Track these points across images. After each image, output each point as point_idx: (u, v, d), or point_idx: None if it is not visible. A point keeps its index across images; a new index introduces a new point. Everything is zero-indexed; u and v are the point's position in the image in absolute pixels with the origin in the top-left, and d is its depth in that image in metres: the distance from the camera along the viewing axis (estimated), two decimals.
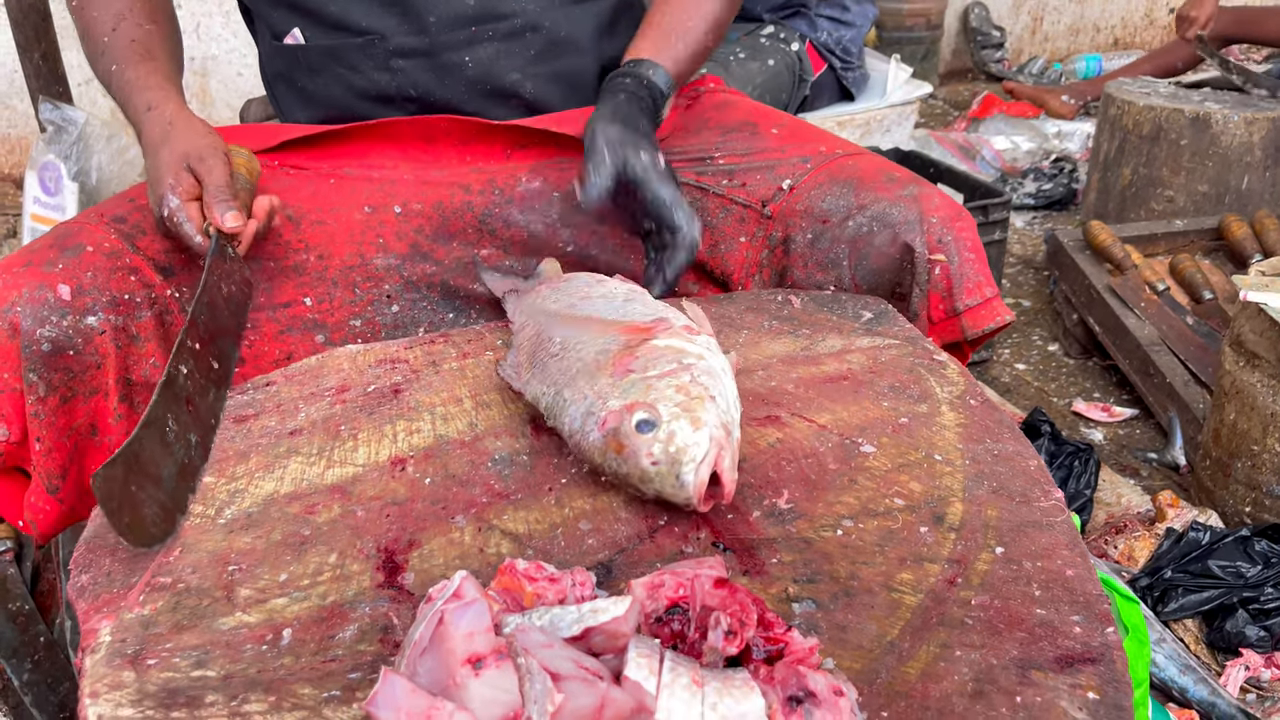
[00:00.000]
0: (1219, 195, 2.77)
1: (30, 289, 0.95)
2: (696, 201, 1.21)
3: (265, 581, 0.70)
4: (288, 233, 1.13)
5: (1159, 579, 1.49)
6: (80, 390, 0.97)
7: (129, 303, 1.00)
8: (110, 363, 0.98)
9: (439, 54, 1.19)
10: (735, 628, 0.57)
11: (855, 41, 2.56)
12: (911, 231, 1.07)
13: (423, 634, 0.56)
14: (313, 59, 1.22)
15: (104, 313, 0.98)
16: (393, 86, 1.20)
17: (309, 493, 0.79)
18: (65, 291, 0.96)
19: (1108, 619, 0.65)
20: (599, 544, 0.73)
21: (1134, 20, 5.51)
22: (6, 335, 0.93)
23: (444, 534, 0.75)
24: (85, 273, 0.98)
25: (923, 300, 1.08)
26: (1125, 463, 2.01)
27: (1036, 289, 2.81)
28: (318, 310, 1.11)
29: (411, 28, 1.17)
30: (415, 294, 1.17)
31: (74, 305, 0.96)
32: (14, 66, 3.48)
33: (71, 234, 1.02)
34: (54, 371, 0.95)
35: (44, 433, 0.95)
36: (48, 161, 1.93)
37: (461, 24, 1.18)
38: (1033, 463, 0.81)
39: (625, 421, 0.75)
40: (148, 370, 1.01)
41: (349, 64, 1.20)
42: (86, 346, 0.96)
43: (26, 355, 0.93)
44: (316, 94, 1.24)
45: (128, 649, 0.64)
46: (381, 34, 1.17)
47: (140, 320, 1.00)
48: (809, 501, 0.77)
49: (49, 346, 0.94)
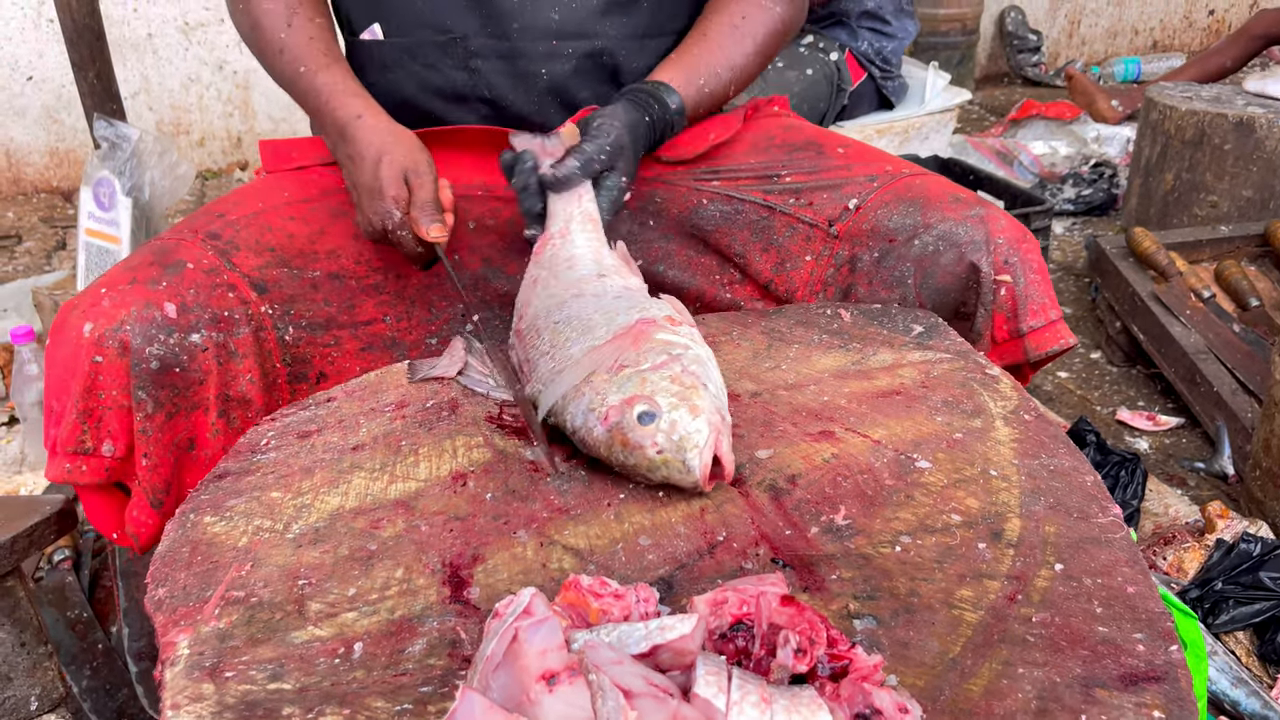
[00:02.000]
0: (1263, 200, 2.73)
1: (139, 307, 0.96)
2: (763, 220, 1.22)
3: (335, 596, 0.72)
4: (368, 251, 1.14)
5: (1210, 591, 1.48)
6: (183, 406, 0.99)
7: (228, 319, 1.02)
8: (212, 379, 1.00)
9: (517, 60, 1.21)
10: (804, 645, 0.58)
11: (896, 53, 2.56)
12: (978, 251, 1.07)
13: (495, 650, 0.57)
14: (387, 55, 1.24)
15: (206, 330, 1.00)
16: (468, 86, 1.23)
17: (373, 508, 0.81)
18: (171, 309, 0.97)
19: (1171, 637, 0.66)
20: (659, 559, 0.74)
21: (1173, 22, 5.45)
22: (116, 353, 0.94)
23: (507, 549, 0.76)
24: (188, 290, 1.00)
25: (987, 320, 1.08)
26: (1172, 472, 1.99)
27: (1078, 296, 2.79)
28: (396, 328, 1.13)
29: (494, 31, 1.20)
30: (489, 311, 1.19)
31: (179, 323, 0.98)
32: (61, 81, 3.57)
33: (170, 250, 1.04)
34: (161, 389, 0.96)
35: (150, 449, 0.97)
36: (102, 178, 1.98)
37: (543, 36, 1.20)
38: (1089, 478, 0.81)
39: (627, 415, 0.80)
40: (244, 386, 1.03)
41: (426, 61, 1.22)
42: (191, 363, 0.98)
43: (136, 373, 0.95)
44: (390, 90, 1.26)
45: (205, 661, 0.66)
46: (464, 35, 1.20)
47: (239, 336, 1.02)
48: (866, 517, 0.78)
49: (157, 364, 0.96)
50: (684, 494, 0.81)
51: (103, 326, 0.94)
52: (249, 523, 0.79)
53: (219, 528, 0.79)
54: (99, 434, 0.96)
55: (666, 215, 1.25)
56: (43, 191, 3.79)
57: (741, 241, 1.23)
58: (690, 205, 1.24)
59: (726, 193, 1.23)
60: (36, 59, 3.59)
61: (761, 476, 0.83)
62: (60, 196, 3.76)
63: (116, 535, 1.02)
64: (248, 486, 0.84)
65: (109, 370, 0.94)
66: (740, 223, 1.23)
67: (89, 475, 0.97)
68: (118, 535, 1.02)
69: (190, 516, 0.81)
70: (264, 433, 0.93)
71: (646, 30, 1.24)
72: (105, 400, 0.95)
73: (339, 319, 1.11)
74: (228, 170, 3.99)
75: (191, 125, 3.91)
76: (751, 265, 1.22)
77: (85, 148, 3.66)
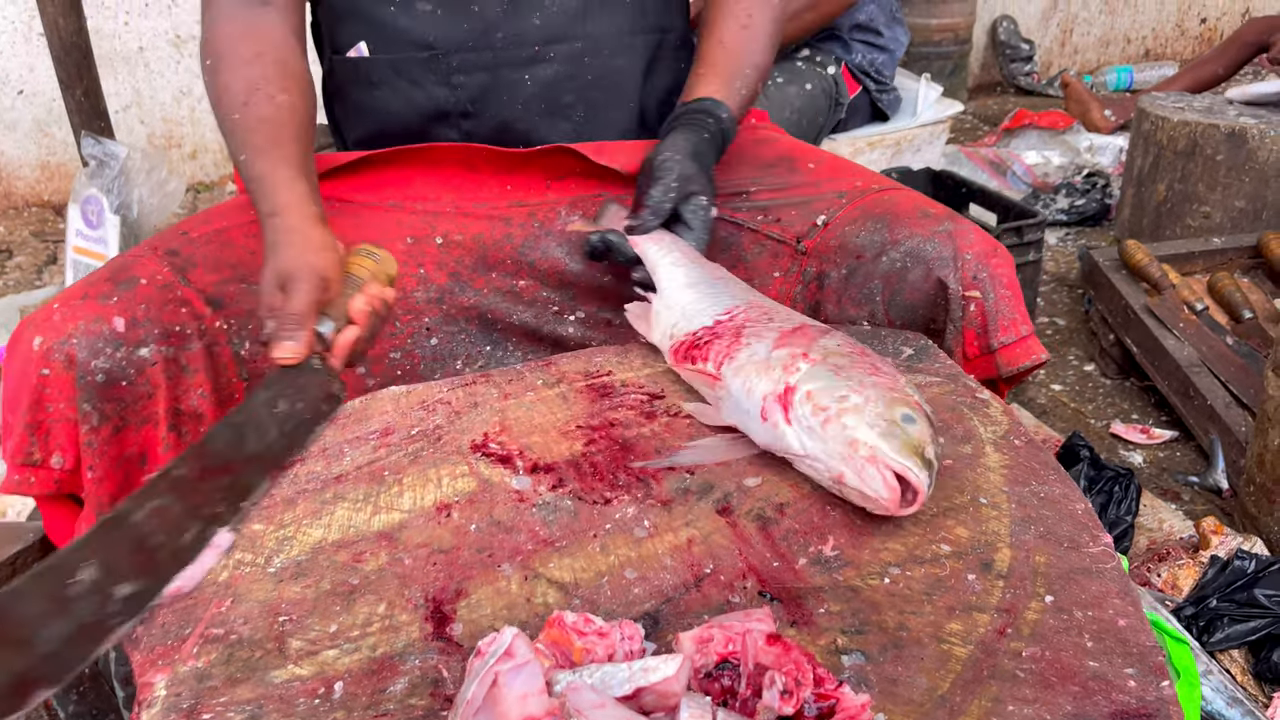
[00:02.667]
0: (1256, 211, 2.73)
1: (86, 321, 0.97)
2: (730, 237, 1.21)
3: (316, 632, 0.71)
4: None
5: (1204, 608, 1.47)
6: (132, 420, 0.99)
7: (180, 334, 1.02)
8: (161, 393, 1.00)
9: (500, 69, 1.21)
10: (791, 687, 0.57)
11: (889, 65, 2.56)
12: (945, 268, 1.07)
13: (475, 693, 0.57)
14: (373, 72, 1.24)
15: (156, 344, 1.00)
16: (450, 101, 1.23)
17: (356, 540, 0.80)
18: (120, 324, 0.98)
19: (1162, 672, 0.65)
20: (645, 593, 0.73)
21: (1165, 31, 5.46)
22: (63, 366, 0.95)
23: (491, 583, 0.75)
24: (139, 305, 1.00)
25: (957, 337, 1.07)
26: (1166, 486, 1.98)
27: (1071, 307, 2.78)
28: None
29: (478, 43, 1.20)
30: (454, 327, 1.18)
31: (127, 337, 0.98)
32: (52, 95, 3.55)
33: (126, 267, 1.04)
34: (107, 402, 0.97)
35: (96, 461, 0.97)
36: (90, 195, 1.97)
37: (527, 43, 1.20)
38: (1080, 506, 0.81)
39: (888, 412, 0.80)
40: (196, 400, 1.03)
41: (410, 78, 1.22)
42: (139, 377, 0.98)
43: (81, 386, 0.96)
44: (373, 107, 1.26)
45: (183, 703, 0.65)
46: (446, 49, 1.20)
47: (190, 351, 1.02)
48: (855, 548, 0.77)
49: (103, 378, 0.96)
50: (671, 525, 0.80)
51: (51, 340, 0.96)
52: (229, 556, 0.78)
53: None
54: (47, 446, 0.97)
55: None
56: (33, 205, 3.77)
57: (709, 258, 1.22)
58: None
59: None
60: (27, 73, 3.58)
61: (750, 505, 0.82)
62: (51, 211, 3.74)
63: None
64: None
65: (56, 383, 0.95)
66: None
67: (38, 486, 0.98)
68: None
69: None
70: None
71: (630, 28, 1.25)
72: (53, 413, 0.96)
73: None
74: (220, 183, 3.98)
75: (183, 138, 3.90)
76: None
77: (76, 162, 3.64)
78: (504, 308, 1.20)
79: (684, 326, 0.99)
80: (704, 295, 1.01)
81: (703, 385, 0.95)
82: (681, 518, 0.81)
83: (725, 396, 0.90)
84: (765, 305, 1.00)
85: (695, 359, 0.95)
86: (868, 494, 0.77)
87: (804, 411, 0.82)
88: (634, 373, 1.03)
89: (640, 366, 1.05)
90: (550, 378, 1.03)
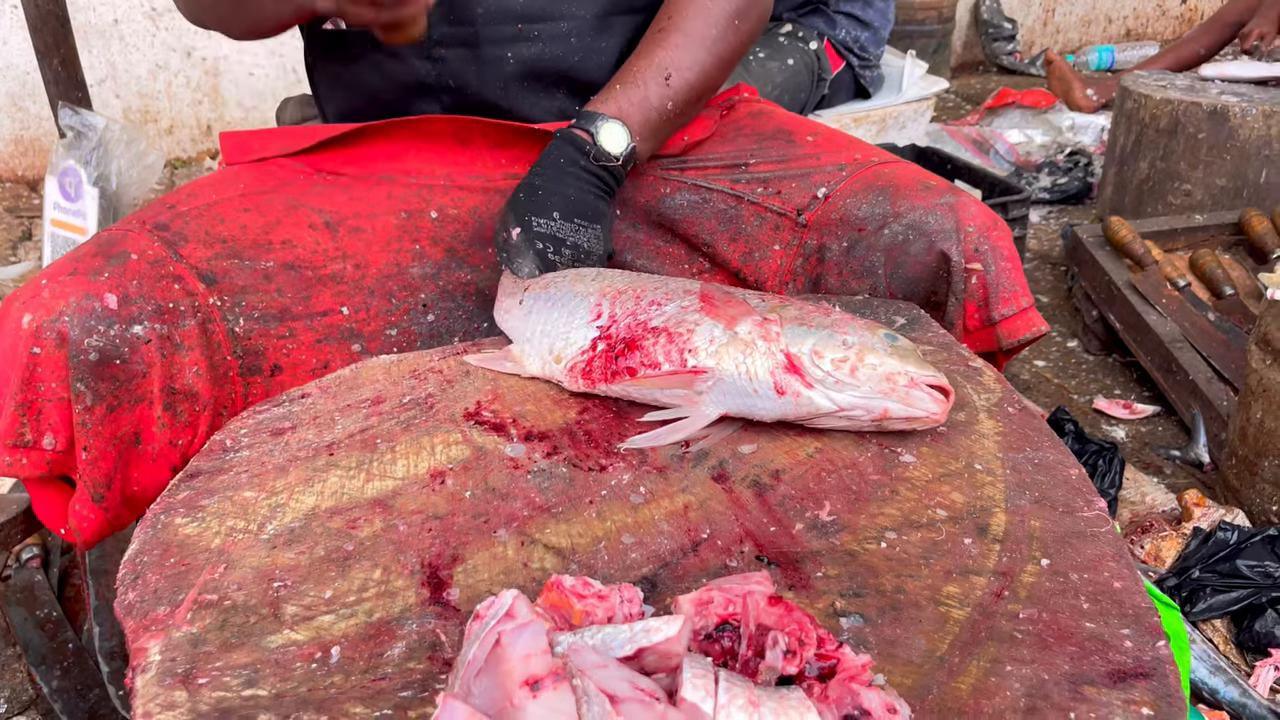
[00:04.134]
0: (1237, 189, 2.75)
1: (78, 298, 0.94)
2: (731, 209, 1.21)
3: (311, 598, 0.70)
4: (325, 241, 1.13)
5: (1187, 579, 1.49)
6: (126, 399, 0.97)
7: (173, 311, 1.00)
8: (155, 371, 0.98)
9: (482, 46, 1.19)
10: (794, 647, 0.57)
11: (873, 42, 2.55)
12: (948, 240, 1.07)
13: (476, 654, 0.56)
14: (352, 45, 1.22)
15: (149, 321, 0.98)
16: (432, 75, 1.21)
17: (350, 507, 0.79)
18: (112, 300, 0.96)
19: (1158, 632, 0.65)
20: (642, 558, 0.73)
21: (1146, 10, 5.48)
22: (54, 345, 0.93)
23: (487, 548, 0.74)
24: (131, 281, 0.98)
25: (958, 309, 1.07)
26: (1148, 460, 2.00)
27: (1054, 284, 2.80)
28: (354, 319, 1.11)
29: (459, 18, 1.18)
30: (451, 302, 1.17)
31: (120, 314, 0.96)
32: (25, 69, 3.50)
33: (115, 241, 1.02)
34: (101, 381, 0.95)
35: (90, 441, 0.95)
36: (68, 167, 1.94)
37: (508, 20, 1.18)
38: (1074, 471, 0.81)
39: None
40: (190, 379, 1.01)
41: (390, 50, 1.20)
42: (133, 355, 0.97)
43: (74, 365, 0.93)
44: (353, 81, 1.24)
45: (178, 668, 0.64)
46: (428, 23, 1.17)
47: (184, 328, 1.00)
48: (851, 513, 0.77)
49: (96, 356, 0.94)
50: (667, 491, 0.80)
51: (41, 317, 0.93)
52: (222, 523, 0.78)
53: (191, 529, 0.77)
54: (39, 427, 0.95)
55: (633, 204, 1.24)
56: (7, 181, 3.72)
57: (709, 231, 1.22)
58: (657, 194, 1.23)
59: (694, 182, 1.23)
60: (1, 46, 3.52)
61: (745, 472, 0.82)
62: (26, 186, 3.69)
63: (63, 530, 1.01)
64: (220, 486, 0.82)
65: (47, 362, 0.93)
66: (708, 212, 1.22)
67: (30, 468, 0.96)
68: (64, 530, 1.00)
69: (161, 517, 0.79)
70: (237, 430, 0.91)
71: (612, 8, 1.23)
72: (44, 392, 0.94)
73: (293, 310, 1.09)
74: (198, 159, 3.93)
75: (160, 113, 3.84)
76: (719, 254, 1.21)
77: (51, 136, 3.59)
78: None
79: (565, 347, 0.94)
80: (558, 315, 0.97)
81: (669, 390, 0.89)
82: (678, 484, 0.81)
83: (716, 386, 0.87)
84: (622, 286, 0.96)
85: (628, 369, 0.90)
86: (919, 415, 0.83)
87: (824, 368, 0.83)
88: None
89: None
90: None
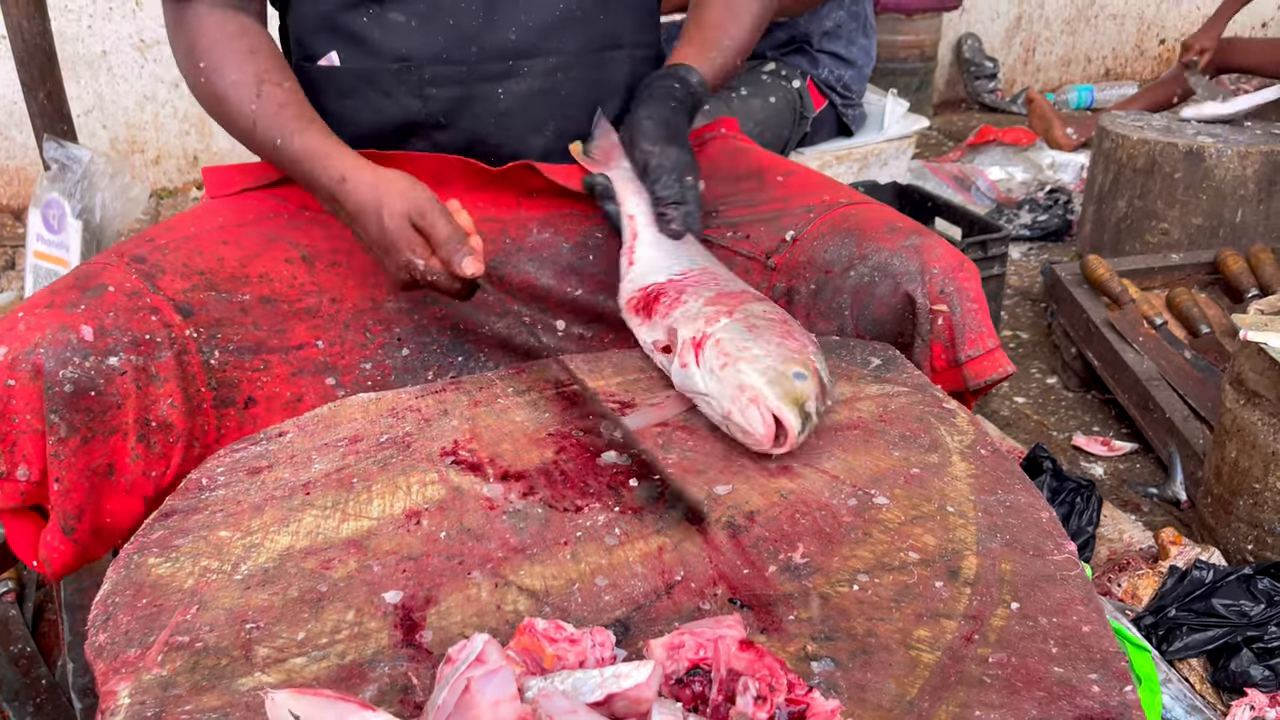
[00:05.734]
0: (1213, 228, 2.79)
1: (53, 330, 0.94)
2: None
3: (283, 640, 0.70)
4: (301, 275, 1.13)
5: (1163, 618, 1.49)
6: (100, 430, 0.97)
7: (149, 342, 1.00)
8: (130, 403, 0.98)
9: (474, 83, 1.20)
10: (764, 692, 0.58)
11: (856, 80, 2.58)
12: (913, 282, 1.08)
13: (446, 700, 0.56)
14: (344, 82, 1.23)
15: (125, 353, 0.98)
16: (423, 113, 1.21)
17: (324, 547, 0.79)
18: (88, 332, 0.96)
19: (1125, 677, 0.66)
20: (616, 600, 0.74)
21: (1125, 51, 5.56)
22: (29, 376, 0.93)
23: (461, 590, 0.75)
24: (107, 313, 0.98)
25: (924, 351, 1.08)
26: (1126, 497, 2.01)
27: (1034, 321, 2.82)
28: (329, 353, 1.12)
29: (452, 56, 1.18)
30: (426, 337, 1.17)
31: (96, 346, 0.96)
32: (13, 97, 3.49)
33: (93, 275, 1.02)
34: (75, 413, 0.95)
35: (63, 473, 0.95)
36: (51, 199, 1.94)
37: (501, 57, 1.19)
38: (1044, 514, 0.82)
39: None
40: (165, 410, 1.01)
41: (382, 89, 1.21)
42: (108, 387, 0.96)
43: (49, 396, 0.93)
44: (343, 117, 1.24)
45: (147, 711, 0.64)
46: (419, 61, 1.18)
47: (160, 360, 1.00)
48: (824, 555, 0.77)
49: (71, 388, 0.94)
50: (642, 532, 0.80)
51: (16, 350, 0.93)
52: (195, 563, 0.77)
53: (164, 569, 0.77)
54: (13, 458, 0.95)
55: (605, 249, 1.24)
56: None
57: None
58: None
59: None
60: None
61: (720, 513, 0.82)
62: (10, 215, 3.68)
63: (36, 561, 1.01)
64: (195, 525, 0.82)
65: (22, 394, 0.93)
66: None
67: (3, 500, 0.96)
68: (37, 561, 1.00)
69: (134, 557, 0.78)
70: (213, 469, 0.91)
71: (604, 44, 1.24)
72: (19, 424, 0.94)
73: (269, 343, 1.09)
74: (184, 189, 3.93)
75: (147, 143, 3.85)
76: None
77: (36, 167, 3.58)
78: (477, 319, 1.20)
79: (640, 281, 1.08)
80: (665, 254, 1.09)
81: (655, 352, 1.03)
82: (652, 525, 0.81)
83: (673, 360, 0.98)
84: (717, 272, 1.07)
85: (652, 311, 1.04)
86: (747, 430, 0.88)
87: (710, 355, 0.92)
88: (604, 381, 1.04)
89: (611, 375, 1.05)
90: (520, 385, 1.03)
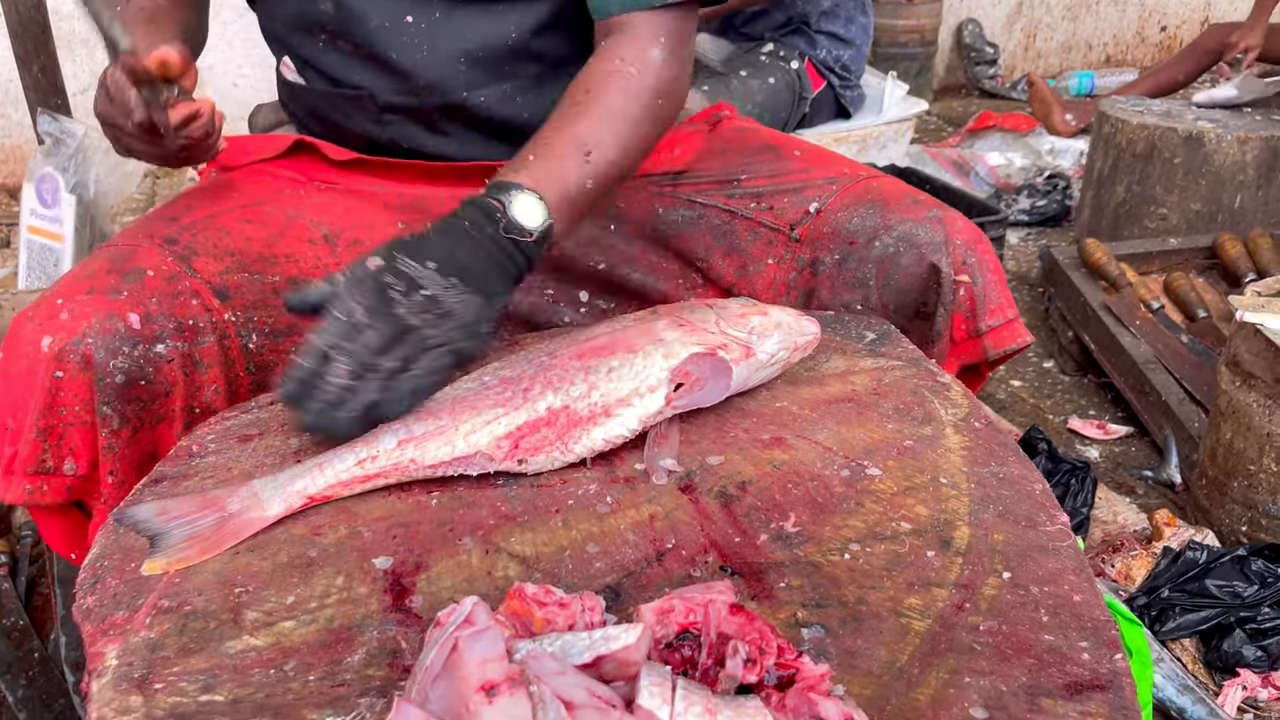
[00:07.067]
0: (1212, 214, 2.78)
1: (99, 319, 0.91)
2: (725, 224, 1.21)
3: (272, 604, 0.70)
4: (325, 255, 1.11)
5: (1156, 598, 1.50)
6: (149, 420, 0.94)
7: (193, 328, 0.97)
8: (178, 390, 0.96)
9: (430, 113, 1.16)
10: (754, 655, 0.57)
11: (854, 60, 2.58)
12: (938, 252, 1.08)
13: (434, 660, 0.56)
14: (309, 99, 1.22)
15: (171, 340, 0.95)
16: (385, 138, 1.19)
17: (314, 513, 0.79)
18: (134, 320, 0.93)
19: (1116, 645, 0.66)
20: (606, 567, 0.73)
21: (1126, 38, 5.55)
22: (79, 368, 0.90)
23: (451, 556, 0.74)
24: (150, 299, 0.95)
25: (946, 320, 1.09)
26: (1121, 480, 2.01)
27: (1031, 305, 2.82)
28: None
29: (400, 88, 1.14)
30: None
31: (143, 334, 0.93)
32: (8, 75, 3.48)
33: (127, 257, 0.99)
34: (127, 403, 0.92)
35: (117, 465, 0.92)
36: (46, 174, 1.93)
37: (453, 90, 1.14)
38: (1038, 486, 0.81)
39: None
40: (209, 396, 0.99)
41: (343, 112, 1.19)
42: (157, 375, 0.94)
43: (100, 388, 0.90)
44: (309, 127, 1.24)
45: (134, 673, 0.64)
46: (372, 91, 1.15)
47: (203, 346, 0.98)
48: (816, 525, 0.77)
49: (122, 378, 0.91)
50: (634, 501, 0.80)
51: (63, 340, 0.89)
52: None
53: None
54: (60, 452, 0.91)
55: (627, 220, 1.24)
56: None
57: (704, 246, 1.22)
58: (651, 210, 1.23)
59: (688, 197, 1.23)
60: None
61: (712, 483, 0.82)
62: (4, 193, 3.67)
63: (75, 555, 0.98)
64: (184, 491, 0.82)
65: (70, 386, 0.90)
66: (702, 227, 1.22)
67: (50, 495, 0.92)
68: (76, 555, 0.97)
69: None
70: (203, 436, 0.91)
71: (557, 62, 1.20)
72: (67, 417, 0.90)
73: (301, 325, 1.08)
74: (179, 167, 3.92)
75: None
76: (714, 269, 1.22)
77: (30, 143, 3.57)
78: None
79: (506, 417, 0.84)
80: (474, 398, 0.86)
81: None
82: (644, 494, 0.81)
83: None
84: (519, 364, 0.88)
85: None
86: (812, 339, 0.95)
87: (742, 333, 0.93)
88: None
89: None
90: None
